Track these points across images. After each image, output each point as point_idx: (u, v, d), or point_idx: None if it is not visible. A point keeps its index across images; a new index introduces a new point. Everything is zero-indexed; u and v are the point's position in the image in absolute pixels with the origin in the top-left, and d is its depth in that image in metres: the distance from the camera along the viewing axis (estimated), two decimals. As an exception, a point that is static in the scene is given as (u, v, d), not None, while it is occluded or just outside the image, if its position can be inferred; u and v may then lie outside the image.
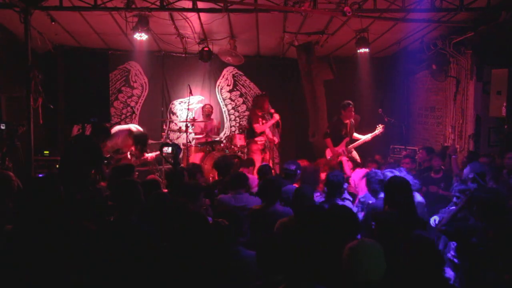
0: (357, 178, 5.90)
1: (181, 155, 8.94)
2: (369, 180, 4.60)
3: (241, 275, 2.85)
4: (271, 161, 7.98)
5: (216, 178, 6.01)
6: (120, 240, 2.99)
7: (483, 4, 6.13)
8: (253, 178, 5.72)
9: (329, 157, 7.77)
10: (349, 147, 7.69)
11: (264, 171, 5.57)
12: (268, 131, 7.93)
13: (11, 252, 2.73)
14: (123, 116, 9.13)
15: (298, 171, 5.32)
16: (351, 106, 7.67)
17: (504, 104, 6.18)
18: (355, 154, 7.81)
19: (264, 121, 7.86)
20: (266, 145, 7.91)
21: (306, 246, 2.54)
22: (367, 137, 7.71)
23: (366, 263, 2.34)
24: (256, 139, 7.81)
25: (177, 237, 2.97)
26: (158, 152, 7.12)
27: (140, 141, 6.64)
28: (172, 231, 3.04)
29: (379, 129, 7.63)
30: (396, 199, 3.69)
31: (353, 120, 7.85)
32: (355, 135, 7.86)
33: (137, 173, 7.96)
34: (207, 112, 8.64)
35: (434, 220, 4.34)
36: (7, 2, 5.83)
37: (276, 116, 7.77)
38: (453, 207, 4.31)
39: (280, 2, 6.14)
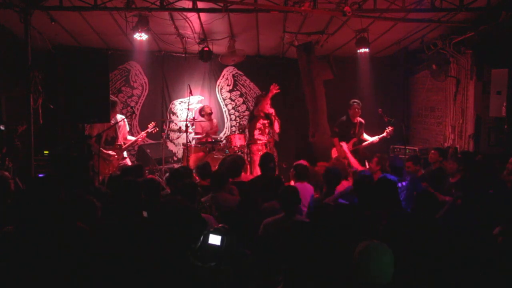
0: None
1: (180, 156, 9.01)
2: None
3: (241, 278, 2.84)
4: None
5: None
6: (121, 240, 2.99)
7: (483, 4, 6.13)
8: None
9: (334, 157, 7.76)
10: (356, 147, 7.68)
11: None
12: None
13: (12, 253, 2.73)
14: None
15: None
16: (355, 103, 7.68)
17: (504, 104, 6.18)
18: None
19: (263, 121, 7.80)
20: (267, 145, 7.88)
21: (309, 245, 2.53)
22: (375, 138, 7.69)
23: (376, 265, 2.32)
24: (256, 138, 7.81)
25: (176, 237, 2.96)
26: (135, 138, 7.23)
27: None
28: (172, 231, 3.03)
29: (387, 130, 7.61)
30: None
31: (362, 120, 7.83)
32: (365, 136, 7.85)
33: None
34: (208, 112, 8.64)
35: None
36: (7, 2, 5.82)
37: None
38: None
39: (280, 2, 6.14)
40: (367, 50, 7.63)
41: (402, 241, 3.18)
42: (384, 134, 7.62)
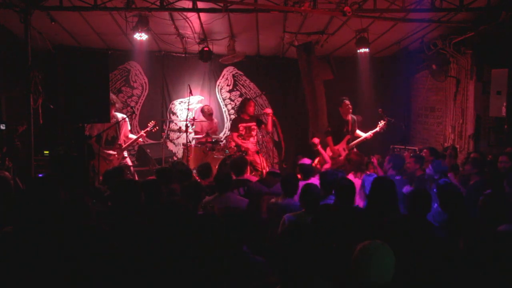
0: None
1: (180, 156, 9.01)
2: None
3: (242, 278, 2.83)
4: (268, 162, 7.98)
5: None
6: (121, 241, 2.99)
7: (483, 4, 6.14)
8: None
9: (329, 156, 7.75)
10: (350, 144, 7.67)
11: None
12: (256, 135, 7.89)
13: (11, 253, 2.73)
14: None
15: None
16: (345, 100, 7.65)
17: (504, 104, 6.18)
18: None
19: (246, 125, 7.79)
20: (259, 148, 7.83)
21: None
22: (368, 134, 7.67)
23: (378, 265, 2.28)
24: (240, 144, 7.79)
25: (179, 236, 2.96)
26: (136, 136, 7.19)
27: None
28: (175, 231, 3.03)
29: (380, 125, 7.58)
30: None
31: (355, 117, 7.82)
32: (358, 132, 7.84)
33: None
34: (209, 112, 8.65)
35: None
36: (7, 2, 5.83)
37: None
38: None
39: (280, 2, 6.14)
40: (367, 50, 7.63)
41: (402, 241, 3.18)
42: (377, 129, 7.58)
